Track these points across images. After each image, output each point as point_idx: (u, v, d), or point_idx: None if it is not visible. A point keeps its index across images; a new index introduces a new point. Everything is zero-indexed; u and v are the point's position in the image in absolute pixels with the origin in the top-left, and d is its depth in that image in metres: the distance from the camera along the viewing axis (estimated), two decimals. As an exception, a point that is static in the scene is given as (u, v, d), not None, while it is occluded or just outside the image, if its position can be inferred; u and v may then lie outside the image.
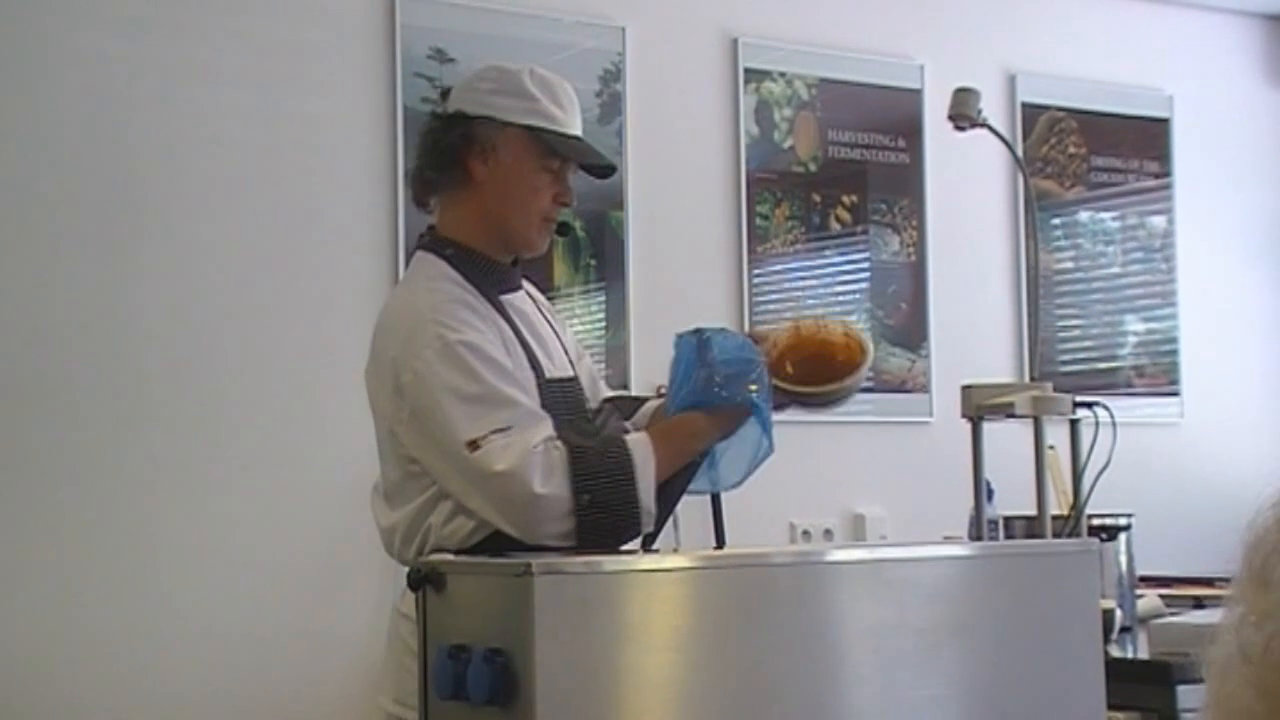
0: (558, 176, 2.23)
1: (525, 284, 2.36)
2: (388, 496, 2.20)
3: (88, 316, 3.20)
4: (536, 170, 2.21)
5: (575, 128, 2.25)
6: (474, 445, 2.03)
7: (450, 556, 2.14)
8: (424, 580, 1.86)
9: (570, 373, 2.28)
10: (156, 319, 3.26)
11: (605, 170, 2.31)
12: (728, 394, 2.14)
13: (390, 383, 2.13)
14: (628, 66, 3.85)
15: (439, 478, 2.11)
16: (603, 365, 3.70)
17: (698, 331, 2.20)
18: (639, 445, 2.10)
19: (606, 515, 2.05)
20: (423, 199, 2.30)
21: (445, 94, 2.31)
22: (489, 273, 2.22)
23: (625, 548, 2.19)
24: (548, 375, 2.20)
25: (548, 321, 2.35)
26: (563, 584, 1.74)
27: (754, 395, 2.15)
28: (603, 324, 3.80)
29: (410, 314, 2.14)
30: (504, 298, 2.23)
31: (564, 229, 2.33)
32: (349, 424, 3.36)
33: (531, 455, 2.02)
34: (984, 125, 3.25)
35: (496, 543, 2.10)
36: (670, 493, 2.17)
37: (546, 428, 2.07)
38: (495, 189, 2.20)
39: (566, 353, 2.33)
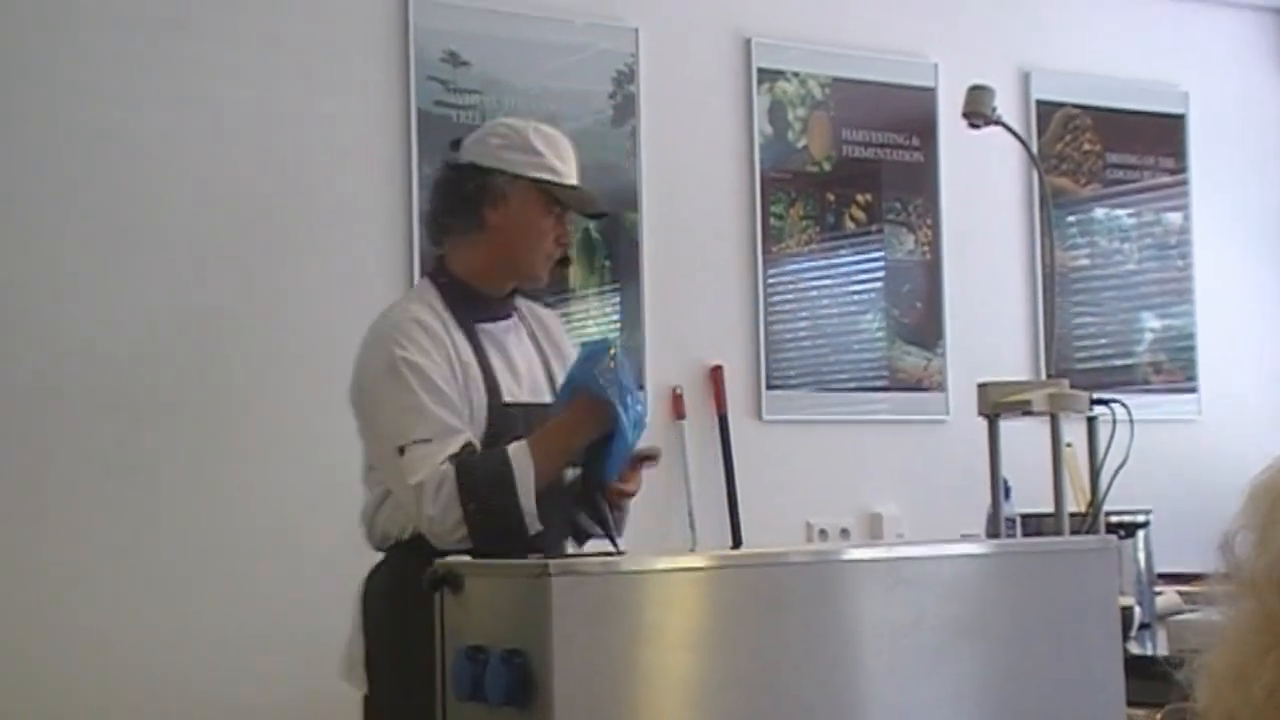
0: (558, 220, 2.53)
1: (539, 310, 2.66)
2: (366, 485, 2.52)
3: (91, 314, 3.19)
4: (542, 216, 2.50)
5: (573, 178, 2.55)
6: (401, 451, 2.34)
7: (468, 558, 2.16)
8: (441, 581, 1.86)
9: (543, 399, 2.51)
10: (163, 317, 3.26)
11: (599, 215, 2.74)
12: (601, 385, 2.34)
13: (355, 384, 2.48)
14: (641, 68, 3.85)
15: (381, 474, 2.45)
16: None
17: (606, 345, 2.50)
18: (518, 454, 2.33)
19: (492, 519, 2.29)
20: (438, 240, 2.60)
21: (456, 144, 2.60)
22: (475, 303, 2.51)
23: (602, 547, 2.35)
24: (504, 398, 2.45)
25: (540, 349, 2.59)
26: (580, 584, 1.74)
27: (616, 395, 2.35)
28: (618, 325, 3.80)
29: (377, 329, 2.47)
30: (484, 326, 2.51)
31: (564, 262, 2.64)
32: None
33: (434, 471, 2.29)
34: (998, 123, 3.24)
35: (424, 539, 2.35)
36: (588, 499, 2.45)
37: (458, 442, 2.34)
38: (506, 233, 2.49)
39: (552, 378, 2.55)
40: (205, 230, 3.31)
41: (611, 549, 2.44)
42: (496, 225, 2.48)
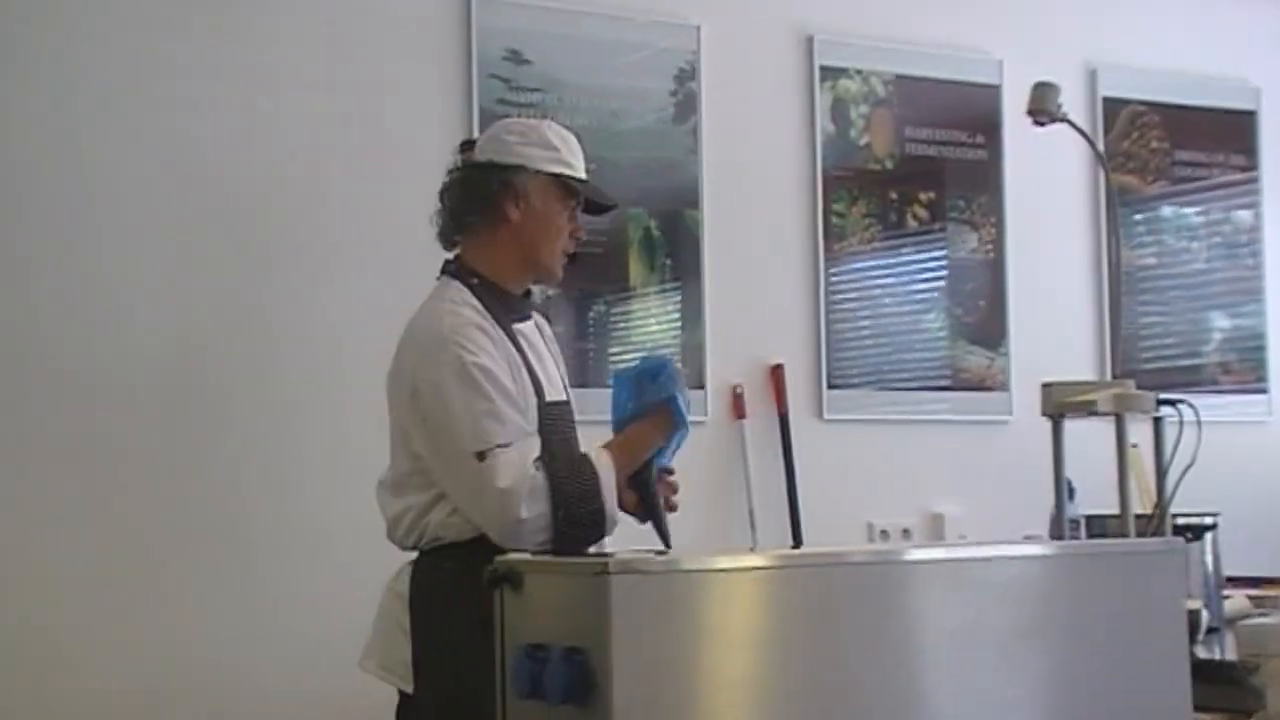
0: (573, 215, 2.56)
1: (535, 315, 2.64)
2: (394, 487, 2.47)
3: (148, 316, 3.20)
4: (560, 211, 2.53)
5: (584, 173, 2.58)
6: (481, 456, 2.32)
7: (528, 555, 2.17)
8: (501, 579, 1.87)
9: (564, 396, 2.56)
10: (220, 319, 3.26)
11: (610, 208, 2.69)
12: (652, 392, 2.45)
13: (407, 388, 2.41)
14: (702, 65, 3.84)
15: (441, 479, 2.39)
16: (678, 363, 3.70)
17: (633, 367, 2.53)
18: (603, 464, 2.39)
19: (579, 528, 2.35)
20: (453, 238, 2.58)
21: (466, 145, 2.63)
22: (505, 303, 2.51)
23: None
24: (547, 398, 2.47)
25: (548, 347, 2.63)
26: (640, 583, 1.74)
27: (670, 389, 2.45)
28: (678, 323, 3.80)
29: (432, 331, 2.42)
30: (515, 326, 2.51)
31: (572, 258, 2.61)
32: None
33: (524, 476, 2.31)
34: (1064, 120, 3.20)
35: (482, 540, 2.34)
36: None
37: (535, 445, 2.37)
38: (527, 228, 2.51)
39: (563, 378, 2.61)
40: (265, 232, 3.32)
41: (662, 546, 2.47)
42: (518, 221, 2.49)
